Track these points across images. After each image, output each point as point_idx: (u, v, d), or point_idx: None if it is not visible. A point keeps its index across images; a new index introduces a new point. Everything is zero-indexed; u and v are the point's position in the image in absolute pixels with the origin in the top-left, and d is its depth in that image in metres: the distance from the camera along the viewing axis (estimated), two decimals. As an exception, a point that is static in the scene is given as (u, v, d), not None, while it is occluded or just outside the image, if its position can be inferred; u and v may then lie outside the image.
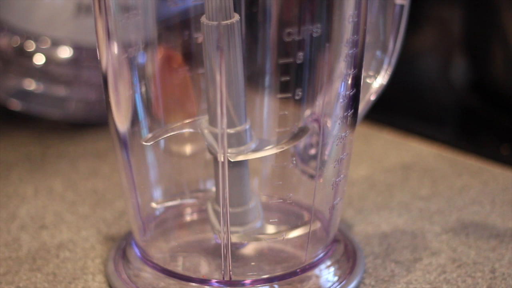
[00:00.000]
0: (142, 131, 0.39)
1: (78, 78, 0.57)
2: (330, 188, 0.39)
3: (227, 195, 0.36)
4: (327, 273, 0.40)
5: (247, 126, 0.38)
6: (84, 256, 0.43)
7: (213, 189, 0.39)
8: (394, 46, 0.42)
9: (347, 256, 0.42)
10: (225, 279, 0.38)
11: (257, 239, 0.38)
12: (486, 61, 0.64)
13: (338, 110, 0.38)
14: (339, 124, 0.38)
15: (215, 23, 0.35)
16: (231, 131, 0.37)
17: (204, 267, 0.39)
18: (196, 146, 0.40)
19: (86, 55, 0.57)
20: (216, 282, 0.38)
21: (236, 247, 0.38)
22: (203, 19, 0.35)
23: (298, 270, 0.39)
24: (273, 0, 0.37)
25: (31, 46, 0.56)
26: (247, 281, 0.38)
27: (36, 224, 0.47)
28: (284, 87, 0.38)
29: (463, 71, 0.70)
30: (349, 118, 0.38)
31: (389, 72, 0.43)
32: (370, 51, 0.42)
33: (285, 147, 0.38)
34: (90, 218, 0.48)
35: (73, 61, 0.56)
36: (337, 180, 0.39)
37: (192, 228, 0.43)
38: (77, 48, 0.56)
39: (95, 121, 0.59)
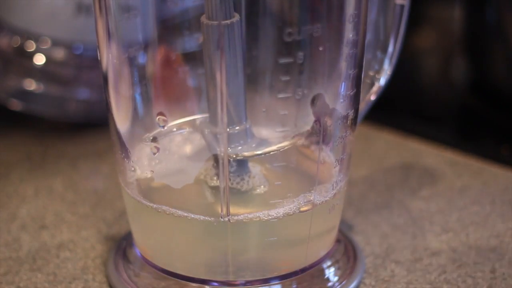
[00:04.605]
0: (142, 131, 0.39)
1: (78, 78, 0.57)
2: (330, 188, 0.39)
3: (228, 199, 0.36)
4: (327, 273, 0.40)
5: (247, 126, 0.38)
6: (84, 256, 0.43)
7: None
8: (394, 46, 0.42)
9: (347, 256, 0.42)
10: (225, 278, 0.38)
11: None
12: (486, 61, 0.64)
13: (339, 110, 0.38)
14: (339, 124, 0.38)
15: (215, 22, 0.35)
16: (231, 130, 0.37)
17: (204, 267, 0.38)
18: (196, 145, 0.40)
19: (86, 55, 0.57)
20: (217, 282, 0.38)
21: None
22: (203, 18, 0.35)
23: (298, 270, 0.39)
24: (273, 0, 0.37)
25: (31, 46, 0.56)
26: (247, 281, 0.38)
27: (36, 224, 0.47)
28: (284, 87, 0.38)
29: (463, 71, 0.70)
30: (349, 118, 0.38)
31: (389, 72, 0.43)
32: (370, 51, 0.42)
33: (285, 147, 0.38)
34: (90, 218, 0.48)
35: (73, 61, 0.56)
36: (337, 180, 0.39)
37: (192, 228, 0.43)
38: (77, 48, 0.56)
39: (95, 121, 0.59)
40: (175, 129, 0.39)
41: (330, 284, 0.40)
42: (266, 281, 0.38)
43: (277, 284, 0.38)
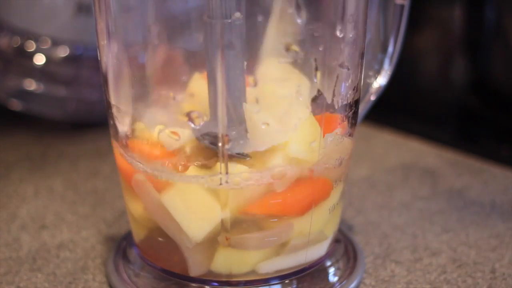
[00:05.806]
0: (142, 131, 0.39)
1: (78, 78, 0.57)
2: (330, 188, 0.39)
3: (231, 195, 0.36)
4: (327, 273, 0.40)
5: (248, 126, 0.38)
6: (84, 256, 0.43)
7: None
8: (394, 46, 0.42)
9: (347, 256, 0.42)
10: (226, 278, 0.38)
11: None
12: (486, 61, 0.64)
13: (339, 110, 0.38)
14: (339, 124, 0.38)
15: (217, 21, 0.35)
16: (231, 131, 0.37)
17: (203, 267, 0.38)
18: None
19: (86, 55, 0.57)
20: (216, 282, 0.38)
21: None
22: (206, 18, 0.35)
23: (298, 270, 0.39)
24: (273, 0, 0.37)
25: (31, 46, 0.56)
26: (247, 281, 0.38)
27: (36, 224, 0.47)
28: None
29: (463, 71, 0.70)
30: (349, 118, 0.38)
31: (389, 72, 0.43)
32: (370, 51, 0.42)
33: (285, 146, 0.38)
34: (91, 218, 0.48)
35: (73, 61, 0.57)
36: (337, 179, 0.39)
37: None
38: (77, 48, 0.56)
39: (95, 121, 0.59)
40: (189, 145, 0.38)
41: (330, 284, 0.40)
42: (266, 281, 0.38)
43: (277, 284, 0.38)
